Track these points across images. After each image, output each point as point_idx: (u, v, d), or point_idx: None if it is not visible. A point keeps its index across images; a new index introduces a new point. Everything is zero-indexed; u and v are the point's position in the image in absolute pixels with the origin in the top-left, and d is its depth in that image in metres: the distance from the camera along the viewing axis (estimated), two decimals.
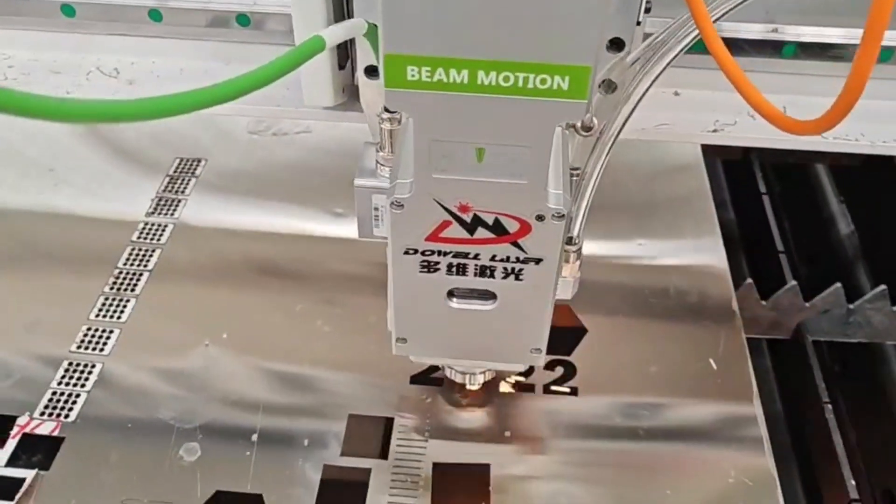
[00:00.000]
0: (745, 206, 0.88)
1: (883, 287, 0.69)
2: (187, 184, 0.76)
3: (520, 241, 0.42)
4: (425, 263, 0.44)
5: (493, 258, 0.43)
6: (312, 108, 0.51)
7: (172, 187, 0.76)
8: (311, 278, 0.68)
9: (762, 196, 0.84)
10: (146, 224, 0.72)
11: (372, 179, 0.45)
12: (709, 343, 0.63)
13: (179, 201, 0.75)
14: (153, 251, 0.70)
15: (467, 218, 0.41)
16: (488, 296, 0.46)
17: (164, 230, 0.72)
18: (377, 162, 0.45)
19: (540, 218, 0.41)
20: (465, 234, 0.42)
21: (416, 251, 0.43)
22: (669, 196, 0.76)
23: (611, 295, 0.67)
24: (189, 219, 0.73)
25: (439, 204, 0.41)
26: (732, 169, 0.91)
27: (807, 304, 0.70)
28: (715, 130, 0.55)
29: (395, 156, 0.43)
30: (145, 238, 0.71)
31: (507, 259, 0.43)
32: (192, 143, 0.81)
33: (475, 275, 0.44)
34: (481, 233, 0.42)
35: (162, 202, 0.74)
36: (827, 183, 0.92)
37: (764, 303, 0.71)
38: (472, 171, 0.39)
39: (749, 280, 0.70)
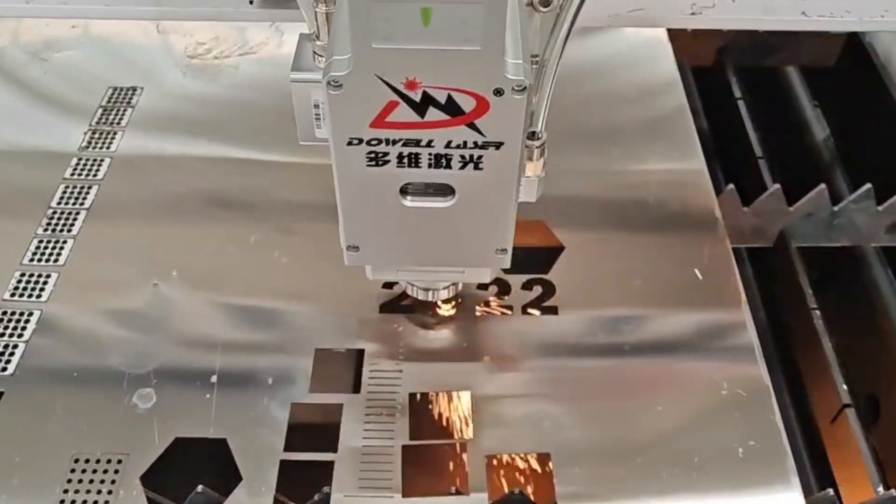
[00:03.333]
0: (718, 112, 0.84)
1: (868, 186, 0.66)
2: (123, 114, 0.70)
3: (477, 123, 0.38)
4: (372, 155, 0.39)
5: (448, 145, 0.39)
6: (239, 9, 0.46)
7: (107, 119, 0.70)
8: (265, 208, 0.63)
9: (737, 101, 0.80)
10: (80, 159, 0.66)
11: (309, 73, 0.40)
12: (692, 253, 0.60)
13: (115, 133, 0.68)
14: (89, 188, 0.64)
15: (416, 96, 0.37)
16: (446, 190, 0.41)
17: (100, 165, 0.66)
18: (314, 53, 0.40)
19: (498, 92, 0.36)
20: (415, 117, 0.37)
21: (360, 140, 0.39)
22: (642, 98, 0.72)
23: (587, 208, 0.64)
24: (127, 151, 0.67)
25: (383, 81, 0.36)
26: (704, 76, 0.87)
27: (790, 209, 0.67)
28: (693, 14, 0.50)
29: (331, 32, 0.38)
30: (80, 174, 0.65)
31: (464, 145, 0.39)
32: (125, 70, 0.74)
33: (429, 166, 0.40)
34: (433, 114, 0.37)
35: (96, 135, 0.68)
36: (800, 87, 0.89)
37: (746, 209, 0.68)
38: (417, 38, 0.34)
39: (731, 186, 0.67)
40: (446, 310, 0.56)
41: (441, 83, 0.36)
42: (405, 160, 0.40)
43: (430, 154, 0.39)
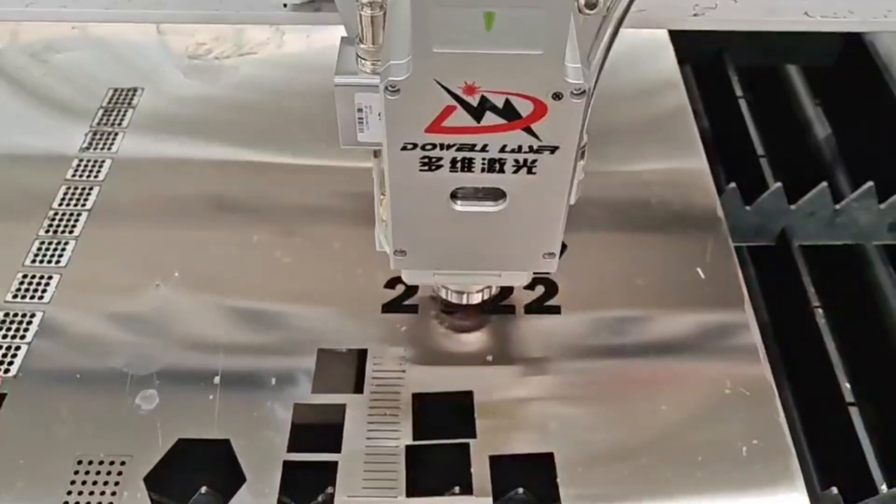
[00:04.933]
0: (720, 111, 0.84)
1: (870, 184, 0.66)
2: (124, 115, 0.70)
3: (533, 127, 0.37)
4: (426, 160, 0.39)
5: (502, 149, 0.39)
6: (273, 12, 0.46)
7: (108, 120, 0.70)
8: (266, 208, 0.63)
9: (738, 100, 0.80)
10: (81, 160, 0.66)
11: (353, 76, 0.40)
12: (695, 252, 0.60)
13: (116, 134, 0.68)
14: (91, 189, 0.64)
15: (474, 101, 0.36)
16: (496, 195, 0.41)
17: (101, 166, 0.66)
18: (357, 56, 0.40)
19: (557, 96, 0.36)
20: (471, 122, 0.37)
21: (415, 146, 0.38)
22: (643, 97, 0.72)
23: (589, 208, 0.63)
24: (128, 153, 0.67)
25: (441, 86, 0.36)
26: (705, 75, 0.87)
27: (792, 207, 0.67)
28: (696, 15, 0.50)
29: (385, 37, 0.38)
30: (81, 175, 0.65)
31: (519, 149, 0.38)
32: (127, 72, 0.74)
33: (482, 170, 0.39)
34: (489, 119, 0.37)
35: (97, 136, 0.68)
36: (801, 86, 0.89)
37: (748, 207, 0.68)
38: (479, 42, 0.34)
39: (733, 184, 0.67)
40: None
41: (500, 87, 0.36)
42: (458, 165, 0.39)
43: (483, 159, 0.39)
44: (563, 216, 0.43)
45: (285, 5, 0.47)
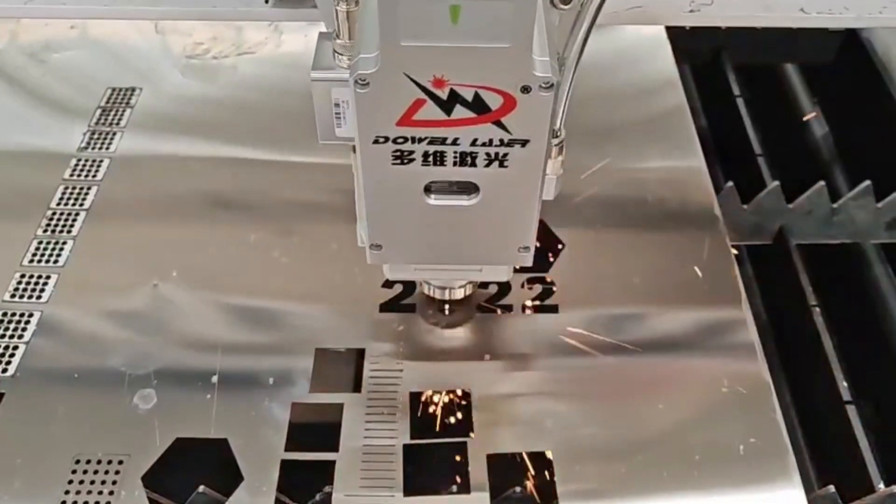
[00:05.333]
0: (717, 110, 0.84)
1: (868, 182, 0.66)
2: (122, 115, 0.70)
3: (503, 120, 0.38)
4: (398, 153, 0.39)
5: (474, 143, 0.39)
6: (253, 8, 0.46)
7: (105, 119, 0.70)
8: (264, 208, 0.63)
9: (736, 99, 0.80)
10: (79, 160, 0.66)
11: (330, 71, 0.40)
12: (692, 250, 0.60)
13: (114, 134, 0.68)
14: (89, 188, 0.64)
15: (443, 94, 0.37)
16: (470, 189, 0.41)
17: (99, 165, 0.66)
18: (334, 52, 0.40)
19: (525, 90, 0.36)
20: (441, 115, 0.37)
21: (386, 139, 0.39)
22: (641, 96, 0.72)
23: (586, 207, 0.63)
24: (126, 152, 0.67)
25: (410, 79, 0.36)
26: (702, 74, 0.87)
27: (789, 206, 0.67)
28: (692, 11, 0.50)
29: (357, 31, 0.38)
30: (79, 175, 0.65)
31: (490, 143, 0.39)
32: (125, 71, 0.74)
33: (455, 164, 0.40)
34: (460, 112, 0.37)
35: (95, 136, 0.68)
36: (798, 84, 0.89)
37: (745, 206, 0.68)
38: (446, 36, 0.34)
39: (730, 183, 0.67)
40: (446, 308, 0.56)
41: (468, 81, 0.36)
42: (430, 158, 0.40)
43: (455, 152, 0.39)
44: (537, 210, 0.43)
45: (267, 1, 0.47)
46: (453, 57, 0.35)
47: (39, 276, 0.58)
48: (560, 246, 0.61)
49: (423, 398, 0.52)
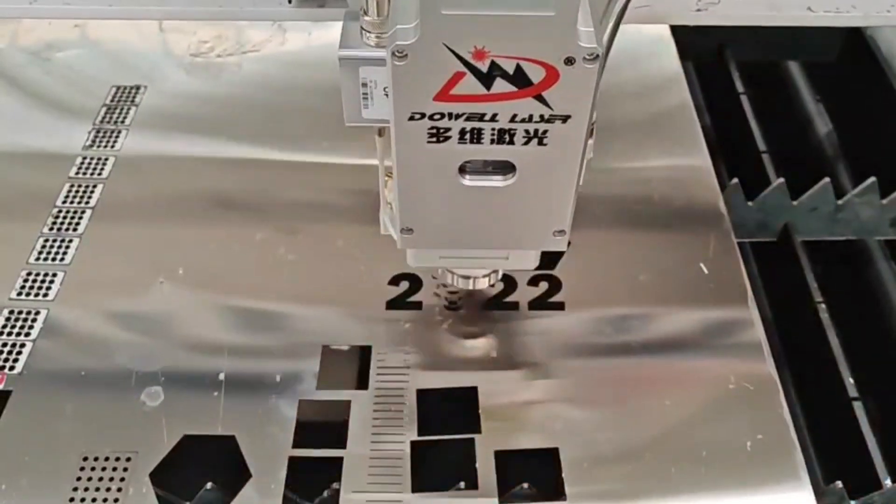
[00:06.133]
0: (721, 108, 0.84)
1: (872, 179, 0.66)
2: (126, 113, 0.70)
3: (545, 94, 0.36)
4: (434, 131, 0.38)
5: (513, 118, 0.37)
6: (278, 8, 0.45)
7: (110, 117, 0.70)
8: (270, 205, 0.63)
9: (740, 96, 0.80)
10: (84, 158, 0.66)
11: (357, 50, 0.39)
12: (698, 247, 0.60)
13: (119, 132, 0.68)
14: (94, 187, 0.64)
15: (483, 67, 0.35)
16: (506, 168, 0.40)
17: (104, 164, 0.66)
18: (362, 28, 0.39)
19: (569, 61, 0.35)
20: (481, 90, 0.36)
21: (423, 115, 0.37)
22: (645, 94, 0.72)
23: (592, 204, 0.63)
24: (131, 150, 0.67)
25: (450, 50, 0.35)
26: (706, 71, 0.87)
27: (794, 203, 0.67)
28: (699, 10, 0.50)
29: (392, 5, 0.37)
30: (85, 173, 0.65)
31: (530, 119, 0.37)
32: (128, 69, 0.74)
33: (492, 141, 0.38)
34: (500, 86, 0.36)
35: (100, 134, 0.68)
36: (802, 81, 0.89)
37: (750, 203, 0.68)
38: (489, 4, 0.33)
39: (735, 180, 0.67)
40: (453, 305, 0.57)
41: (510, 52, 0.35)
42: (467, 136, 0.38)
43: (493, 129, 0.38)
44: (575, 191, 0.42)
45: (290, 1, 0.47)
46: (495, 26, 0.34)
47: (46, 275, 0.58)
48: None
49: (430, 395, 0.52)
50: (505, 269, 0.54)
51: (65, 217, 0.62)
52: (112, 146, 0.67)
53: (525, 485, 0.47)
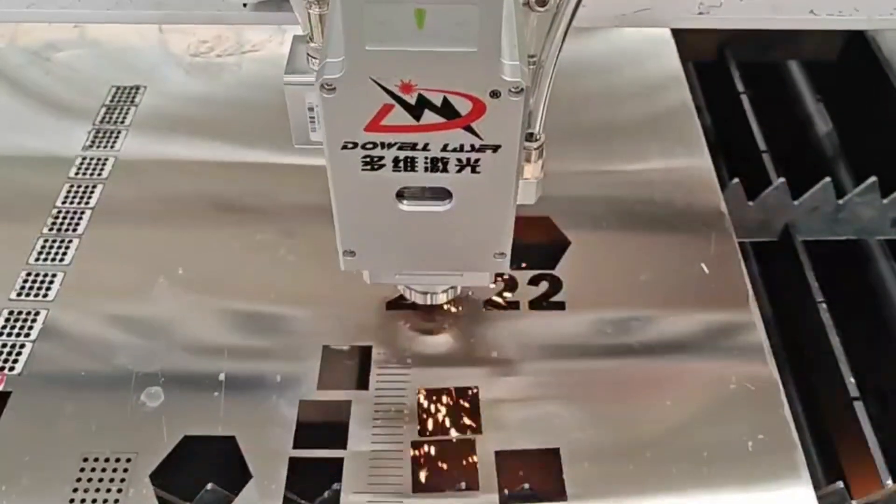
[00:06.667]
0: (722, 108, 0.84)
1: (873, 179, 0.66)
2: (126, 113, 0.70)
3: (473, 125, 0.37)
4: (367, 159, 0.39)
5: (444, 148, 0.38)
6: (230, 12, 0.46)
7: (110, 118, 0.69)
8: (269, 206, 0.63)
9: (740, 96, 0.80)
10: (84, 159, 0.66)
11: (303, 75, 0.40)
12: (699, 247, 0.60)
13: (119, 132, 0.68)
14: (94, 187, 0.64)
15: (411, 99, 0.36)
16: (443, 195, 0.41)
17: (104, 164, 0.66)
18: (308, 55, 0.40)
19: (495, 94, 0.36)
20: (410, 121, 0.37)
21: (355, 144, 0.38)
22: (646, 94, 0.72)
23: (592, 205, 0.63)
24: (131, 151, 0.67)
25: (377, 84, 0.35)
26: (706, 71, 0.87)
27: (795, 203, 0.67)
28: (701, 13, 0.50)
29: (325, 35, 0.37)
30: (84, 174, 0.65)
31: (461, 148, 0.38)
32: (128, 70, 0.74)
33: (426, 170, 0.39)
34: (429, 117, 0.37)
35: (100, 134, 0.68)
36: (802, 81, 0.89)
37: (751, 203, 0.67)
38: (412, 40, 0.34)
39: (736, 180, 0.67)
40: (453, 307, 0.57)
41: (436, 85, 0.36)
42: (401, 164, 0.39)
43: (426, 158, 0.39)
44: (512, 215, 0.42)
45: (245, 5, 0.47)
46: (420, 61, 0.35)
47: (45, 276, 0.58)
48: (566, 243, 0.61)
49: (430, 395, 0.52)
50: (462, 286, 0.54)
51: (64, 218, 0.62)
52: (112, 147, 0.67)
53: (525, 486, 0.47)
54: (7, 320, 0.55)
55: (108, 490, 0.47)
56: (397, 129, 0.37)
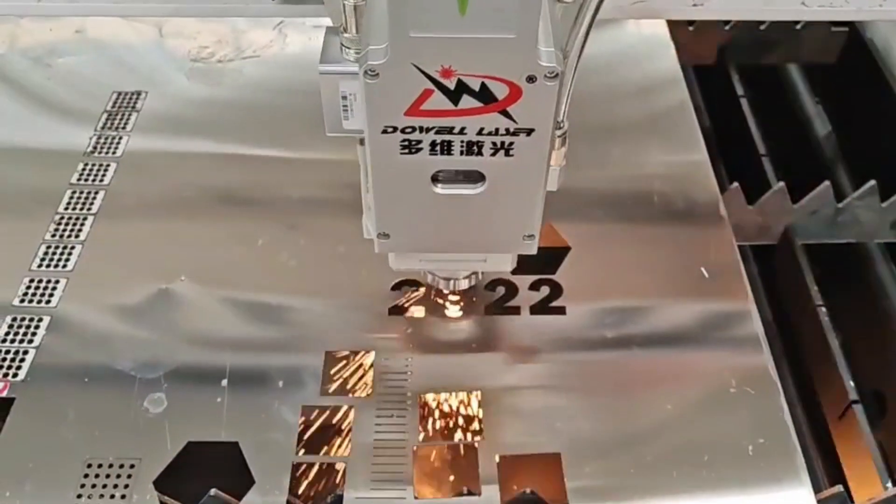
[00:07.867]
0: (721, 111, 0.84)
1: (872, 182, 0.66)
2: (128, 118, 0.70)
3: (509, 109, 0.38)
4: (406, 143, 0.40)
5: (480, 132, 0.40)
6: (262, 5, 0.46)
7: (112, 123, 0.70)
8: (271, 212, 0.63)
9: (739, 99, 0.80)
10: (86, 164, 0.66)
11: (337, 64, 0.41)
12: (698, 252, 0.60)
13: (121, 138, 0.68)
14: (96, 192, 0.64)
15: (450, 84, 0.37)
16: (476, 177, 0.42)
17: (106, 169, 0.66)
18: (341, 45, 0.40)
19: (531, 79, 0.37)
20: (448, 105, 0.38)
21: (395, 129, 0.39)
22: (644, 94, 0.72)
23: (593, 206, 0.64)
24: (133, 156, 0.67)
25: (418, 69, 0.37)
26: (705, 74, 0.87)
27: (794, 206, 0.68)
28: (695, 5, 0.50)
29: (365, 23, 0.39)
30: (86, 179, 0.65)
31: (496, 132, 0.40)
32: (129, 75, 0.74)
33: (461, 153, 0.41)
34: (467, 102, 0.38)
35: (102, 139, 0.68)
36: (801, 84, 0.89)
37: (751, 207, 0.68)
38: (454, 27, 0.35)
39: (735, 184, 0.67)
40: (454, 311, 0.57)
41: (475, 71, 0.37)
42: (438, 148, 0.40)
43: (462, 141, 0.40)
44: (541, 199, 0.44)
45: None
46: (461, 47, 0.36)
47: (48, 281, 0.58)
48: (566, 248, 0.61)
49: (432, 400, 0.52)
50: (484, 271, 0.55)
51: (67, 223, 0.62)
52: (114, 152, 0.67)
53: (527, 489, 0.48)
54: (10, 326, 0.55)
55: (112, 496, 0.47)
56: (436, 113, 0.39)
